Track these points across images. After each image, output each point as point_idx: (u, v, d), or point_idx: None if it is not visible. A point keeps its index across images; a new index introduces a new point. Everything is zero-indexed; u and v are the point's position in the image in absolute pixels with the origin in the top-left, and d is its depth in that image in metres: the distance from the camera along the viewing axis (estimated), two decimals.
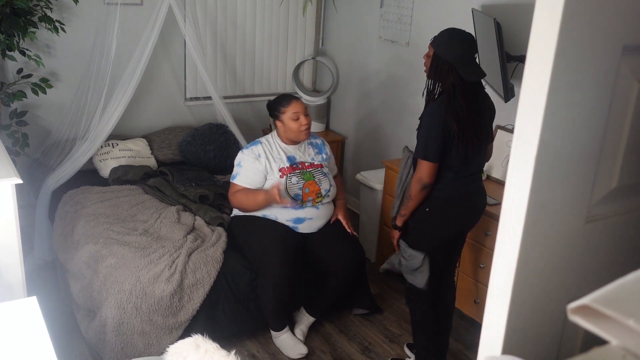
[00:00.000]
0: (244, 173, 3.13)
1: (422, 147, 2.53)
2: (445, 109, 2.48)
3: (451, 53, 2.49)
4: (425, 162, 2.53)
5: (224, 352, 1.67)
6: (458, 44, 2.51)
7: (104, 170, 3.89)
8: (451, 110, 2.48)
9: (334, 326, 3.35)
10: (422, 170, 2.54)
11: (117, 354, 2.79)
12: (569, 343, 1.44)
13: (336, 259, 3.12)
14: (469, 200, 2.70)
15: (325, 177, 3.20)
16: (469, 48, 2.54)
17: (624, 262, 1.46)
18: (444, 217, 2.66)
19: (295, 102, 3.15)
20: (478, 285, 3.20)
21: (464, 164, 2.58)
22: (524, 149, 1.20)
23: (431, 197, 2.61)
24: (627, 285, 0.76)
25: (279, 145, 3.19)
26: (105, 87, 3.73)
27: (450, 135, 2.49)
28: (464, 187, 2.64)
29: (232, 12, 4.51)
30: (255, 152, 3.15)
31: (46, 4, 3.50)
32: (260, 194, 3.06)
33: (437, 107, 2.51)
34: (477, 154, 2.61)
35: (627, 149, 1.35)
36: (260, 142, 3.21)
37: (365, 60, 4.56)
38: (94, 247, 3.06)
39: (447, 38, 2.53)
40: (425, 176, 2.54)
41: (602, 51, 1.21)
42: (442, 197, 2.61)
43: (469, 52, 2.54)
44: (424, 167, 2.53)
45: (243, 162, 3.15)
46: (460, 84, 2.49)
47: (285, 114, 3.12)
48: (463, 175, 2.61)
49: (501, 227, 1.28)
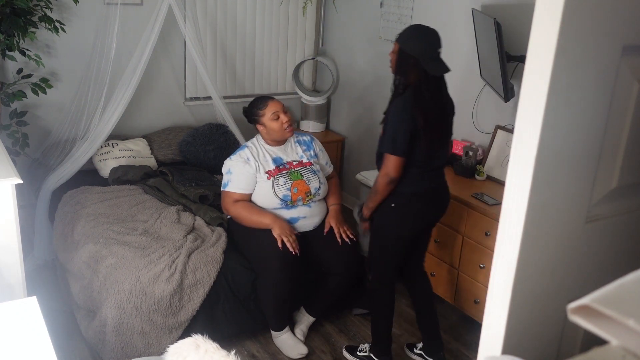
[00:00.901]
0: (235, 179, 3.08)
1: (390, 141, 2.55)
2: (411, 104, 2.52)
3: (416, 48, 2.53)
4: (392, 157, 2.55)
5: (224, 352, 1.67)
6: (422, 39, 2.56)
7: (104, 170, 3.89)
8: (417, 104, 2.52)
9: (334, 326, 3.35)
10: (389, 164, 2.56)
11: (117, 354, 2.79)
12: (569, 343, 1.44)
13: (336, 259, 3.12)
14: (433, 195, 2.75)
15: (314, 175, 3.15)
16: (433, 43, 2.57)
17: (624, 262, 1.46)
18: (409, 212, 2.70)
19: (271, 102, 3.11)
20: (478, 285, 3.20)
21: (428, 159, 2.63)
22: (524, 149, 1.20)
23: (396, 193, 2.65)
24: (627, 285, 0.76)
25: (264, 148, 3.14)
26: (105, 87, 3.73)
27: (417, 129, 2.53)
28: (428, 182, 2.69)
29: (232, 12, 4.51)
30: (243, 157, 3.09)
31: (46, 4, 3.50)
32: (267, 219, 3.01)
33: (403, 102, 2.54)
34: (440, 148, 2.66)
35: (627, 149, 1.35)
36: (246, 146, 3.16)
37: (366, 61, 4.56)
38: (94, 247, 3.06)
39: (411, 33, 2.58)
40: (392, 171, 2.57)
41: (602, 51, 1.21)
42: (407, 192, 2.65)
43: (433, 46, 2.57)
44: (391, 162, 2.56)
45: (233, 169, 3.09)
46: (425, 78, 2.53)
47: (265, 116, 3.07)
48: (428, 169, 2.66)
49: (501, 227, 1.28)
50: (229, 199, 3.10)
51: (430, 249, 3.49)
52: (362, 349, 3.06)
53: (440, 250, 3.42)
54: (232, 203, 3.09)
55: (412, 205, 2.69)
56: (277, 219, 3.02)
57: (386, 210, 2.69)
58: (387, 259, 2.81)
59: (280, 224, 2.99)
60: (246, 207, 3.06)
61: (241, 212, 3.06)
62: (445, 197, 2.82)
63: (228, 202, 3.11)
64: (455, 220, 3.27)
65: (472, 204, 3.16)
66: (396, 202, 2.66)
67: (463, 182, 3.45)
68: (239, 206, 3.07)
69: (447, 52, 2.74)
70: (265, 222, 3.01)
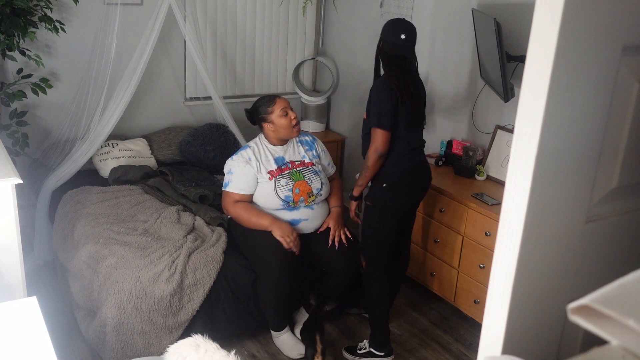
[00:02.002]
0: (236, 179, 3.07)
1: (376, 116, 2.78)
2: (391, 81, 2.77)
3: (391, 35, 2.81)
4: (380, 131, 2.77)
5: (224, 352, 1.67)
6: (397, 28, 2.83)
7: (104, 170, 3.90)
8: (396, 81, 2.77)
9: (334, 326, 3.35)
10: (378, 138, 2.78)
11: (117, 354, 2.79)
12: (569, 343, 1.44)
13: (336, 259, 3.12)
14: (419, 172, 2.95)
15: (316, 175, 3.15)
16: (407, 31, 2.82)
17: (624, 262, 1.46)
18: (399, 190, 2.89)
19: (279, 99, 3.11)
20: (478, 285, 3.20)
21: (410, 135, 2.86)
22: (524, 149, 1.20)
23: (386, 173, 2.86)
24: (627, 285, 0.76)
25: (266, 148, 3.13)
26: (105, 87, 3.73)
27: (397, 102, 2.76)
28: (414, 160, 2.90)
29: (232, 12, 4.51)
30: (245, 157, 3.08)
31: (46, 4, 3.50)
32: (266, 220, 3.01)
33: (384, 80, 2.81)
34: (418, 126, 2.92)
35: (627, 149, 1.35)
36: (249, 146, 3.15)
37: (365, 60, 4.56)
38: (94, 247, 3.06)
39: (390, 23, 2.88)
40: (380, 145, 2.78)
41: (602, 51, 1.21)
42: (396, 170, 2.86)
43: (407, 35, 2.82)
44: (379, 136, 2.78)
45: (234, 169, 3.08)
46: (401, 63, 2.81)
47: (274, 113, 3.06)
48: (411, 147, 2.88)
49: (501, 227, 1.28)
50: (229, 199, 3.10)
51: (430, 249, 3.49)
52: (361, 346, 3.08)
53: (440, 250, 3.42)
54: (232, 203, 3.08)
55: (401, 183, 2.89)
56: (276, 221, 3.01)
57: (377, 191, 2.89)
58: (380, 240, 2.95)
59: (279, 226, 2.99)
60: (246, 208, 3.06)
61: (241, 213, 3.06)
62: (428, 175, 3.02)
63: (228, 202, 3.10)
64: (455, 220, 3.27)
65: (472, 204, 3.16)
66: (387, 182, 2.86)
67: (463, 182, 3.45)
68: (239, 207, 3.07)
69: (447, 52, 2.75)
70: (264, 223, 3.01)
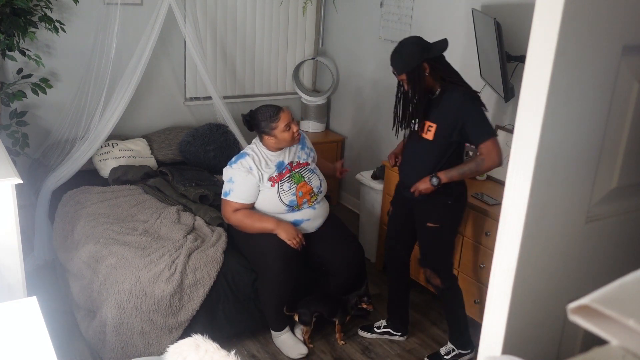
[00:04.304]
0: (238, 189, 3.03)
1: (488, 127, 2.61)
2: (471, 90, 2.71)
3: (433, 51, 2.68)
4: (495, 140, 2.59)
5: (224, 352, 1.68)
6: (422, 44, 2.70)
7: (104, 170, 3.89)
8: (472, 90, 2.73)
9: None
10: (497, 149, 2.57)
11: (117, 354, 2.79)
12: (569, 343, 1.44)
13: (336, 259, 3.12)
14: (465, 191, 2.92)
15: (313, 173, 3.15)
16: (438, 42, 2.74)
17: (624, 262, 1.46)
18: (461, 208, 2.91)
19: (283, 113, 3.02)
20: (478, 285, 3.20)
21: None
22: (524, 149, 1.20)
23: (452, 191, 2.78)
24: (627, 285, 0.76)
25: (265, 155, 3.09)
26: (105, 87, 3.73)
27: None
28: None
29: (232, 12, 4.51)
30: (245, 166, 3.03)
31: (46, 4, 3.50)
32: (270, 224, 2.99)
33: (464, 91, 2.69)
34: None
35: (627, 149, 1.35)
36: (247, 154, 3.08)
37: (366, 61, 4.56)
38: (94, 247, 3.06)
39: (419, 46, 2.68)
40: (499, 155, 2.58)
41: (602, 51, 1.21)
42: (459, 189, 2.83)
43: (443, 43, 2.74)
44: (497, 145, 2.58)
45: (235, 178, 3.04)
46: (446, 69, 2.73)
47: (277, 129, 3.00)
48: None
49: (501, 227, 1.28)
50: (229, 207, 3.07)
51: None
52: (378, 325, 3.28)
53: None
54: (232, 212, 3.06)
55: (463, 198, 2.90)
56: (280, 223, 3.01)
57: (443, 209, 2.82)
58: (451, 253, 2.98)
59: (284, 228, 2.99)
60: (247, 215, 3.04)
61: (243, 220, 3.04)
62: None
63: (228, 210, 3.08)
64: None
65: (472, 204, 3.16)
66: (451, 200, 2.82)
67: None
68: (240, 215, 3.05)
69: (448, 52, 2.75)
70: (269, 227, 3.00)
